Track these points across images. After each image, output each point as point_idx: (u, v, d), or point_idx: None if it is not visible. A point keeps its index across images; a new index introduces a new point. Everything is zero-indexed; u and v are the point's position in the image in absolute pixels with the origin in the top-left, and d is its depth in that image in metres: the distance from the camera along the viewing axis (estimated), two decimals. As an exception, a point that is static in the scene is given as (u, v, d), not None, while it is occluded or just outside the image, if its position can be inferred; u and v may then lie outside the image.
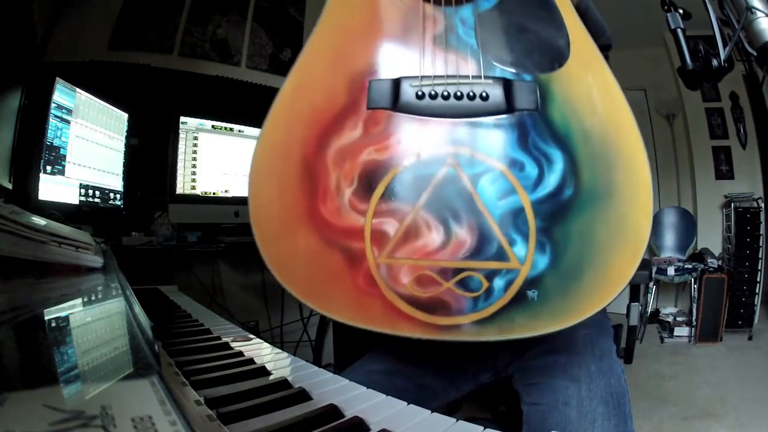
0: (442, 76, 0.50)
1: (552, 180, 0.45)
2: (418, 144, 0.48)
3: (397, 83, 0.50)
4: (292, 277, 0.49)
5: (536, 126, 0.47)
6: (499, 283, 0.44)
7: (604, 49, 0.67)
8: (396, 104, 0.49)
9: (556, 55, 0.50)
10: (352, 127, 0.49)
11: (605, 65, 0.50)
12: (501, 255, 0.44)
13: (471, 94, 0.48)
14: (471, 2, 0.53)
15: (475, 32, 0.51)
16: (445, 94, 0.48)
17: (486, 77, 0.49)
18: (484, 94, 0.48)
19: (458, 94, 0.48)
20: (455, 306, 0.45)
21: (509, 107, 0.48)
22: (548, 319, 0.44)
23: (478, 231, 0.45)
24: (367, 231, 0.46)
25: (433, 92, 0.49)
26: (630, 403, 0.56)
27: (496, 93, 0.48)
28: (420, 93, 0.49)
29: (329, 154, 0.48)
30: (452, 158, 0.47)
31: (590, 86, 0.49)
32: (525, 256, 0.44)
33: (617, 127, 0.48)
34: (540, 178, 0.45)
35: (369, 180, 0.47)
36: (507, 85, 0.48)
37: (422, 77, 0.49)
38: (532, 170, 0.46)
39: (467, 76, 0.49)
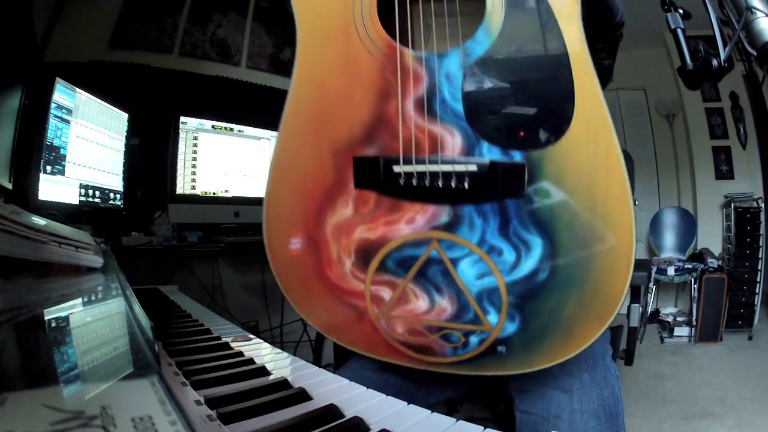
0: (423, 160, 0.48)
1: (528, 265, 0.47)
2: (404, 227, 0.50)
3: (379, 165, 0.50)
4: (316, 318, 0.59)
5: (519, 213, 0.46)
6: (474, 339, 0.50)
7: (619, 27, 0.65)
8: (380, 187, 0.51)
9: (556, 124, 0.45)
10: (343, 205, 0.52)
11: (611, 127, 0.45)
12: (476, 321, 0.50)
13: (453, 183, 0.48)
14: (457, 47, 0.48)
15: (462, 94, 0.47)
16: (427, 183, 0.48)
17: (471, 159, 0.47)
18: (466, 184, 0.47)
19: (438, 184, 0.48)
20: (439, 351, 0.52)
21: (493, 195, 0.47)
22: (513, 365, 0.51)
23: (458, 302, 0.50)
24: (367, 295, 0.53)
25: (414, 180, 0.49)
26: (623, 412, 0.56)
27: (480, 180, 0.47)
28: (402, 180, 0.49)
29: (327, 229, 0.53)
30: (435, 242, 0.49)
31: (589, 163, 0.45)
32: (496, 323, 0.49)
33: (610, 212, 0.45)
34: (516, 263, 0.47)
35: (364, 255, 0.52)
36: (492, 170, 0.46)
37: (403, 160, 0.49)
38: (509, 256, 0.47)
39: (451, 161, 0.48)
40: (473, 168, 0.47)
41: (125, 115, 1.63)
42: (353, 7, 0.51)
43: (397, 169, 0.49)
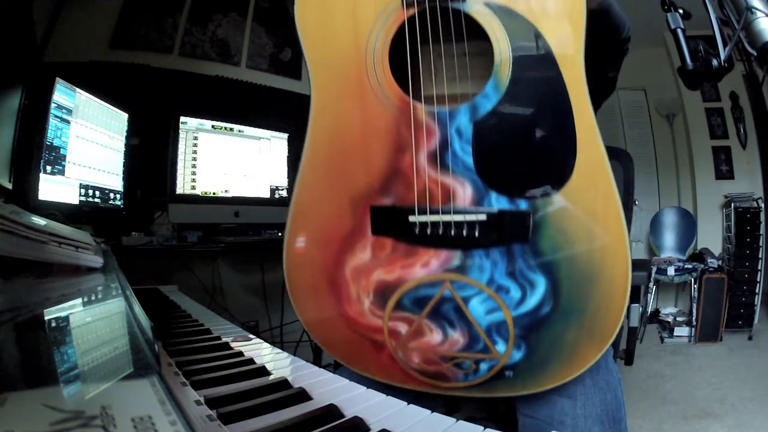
0: (436, 210, 0.52)
1: (532, 301, 0.51)
2: (418, 270, 0.54)
3: (395, 215, 0.53)
4: (335, 350, 0.61)
5: (524, 255, 0.50)
6: (484, 366, 0.54)
7: (625, 42, 0.67)
8: (397, 234, 0.54)
9: (559, 175, 0.49)
10: (361, 249, 0.56)
11: (609, 173, 0.49)
12: (486, 350, 0.53)
13: (465, 231, 0.51)
14: (467, 101, 0.50)
15: (472, 147, 0.50)
16: (440, 232, 0.52)
17: (480, 209, 0.50)
18: (476, 233, 0.51)
19: (451, 233, 0.52)
20: (452, 377, 0.56)
21: (501, 240, 0.50)
22: (521, 387, 0.54)
23: (469, 334, 0.53)
24: (385, 329, 0.56)
25: (429, 229, 0.52)
26: (626, 415, 0.57)
27: (489, 228, 0.50)
28: (417, 229, 0.53)
29: (347, 271, 0.57)
30: (448, 283, 0.53)
31: (588, 206, 0.49)
32: (504, 351, 0.53)
33: (607, 249, 0.49)
34: (522, 300, 0.51)
35: (382, 295, 0.55)
36: (500, 218, 0.50)
37: (418, 210, 0.52)
38: (515, 293, 0.51)
39: (462, 211, 0.51)
40: (483, 217, 0.50)
41: (125, 115, 1.63)
42: (366, 60, 0.53)
43: (412, 218, 0.52)
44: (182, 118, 1.74)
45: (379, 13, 0.52)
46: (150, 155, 1.80)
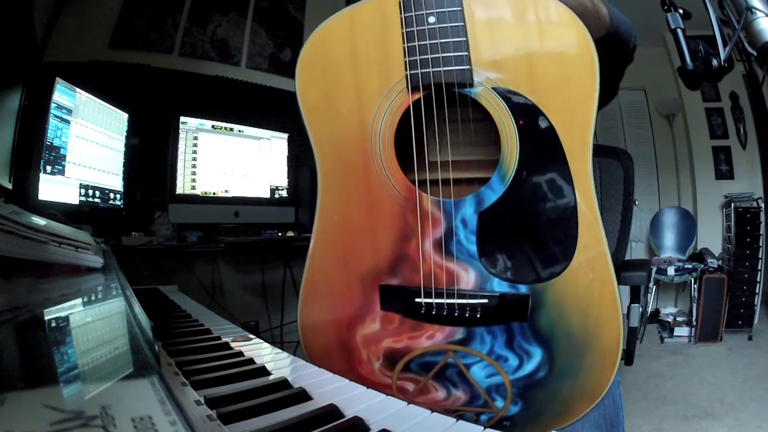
0: (441, 293, 0.55)
1: (529, 367, 0.54)
2: (424, 341, 0.58)
3: (402, 295, 0.56)
4: None
5: (522, 332, 0.54)
6: (483, 417, 0.58)
7: (632, 51, 0.69)
8: (404, 312, 0.57)
9: (559, 263, 0.51)
10: (371, 322, 0.60)
11: (607, 256, 0.51)
12: (485, 405, 0.57)
13: (467, 313, 0.54)
14: (473, 194, 0.52)
15: (476, 237, 0.52)
16: (444, 313, 0.55)
17: (483, 293, 0.53)
18: (478, 314, 0.54)
19: (456, 314, 0.55)
20: None
21: (501, 320, 0.54)
22: None
23: (470, 393, 0.57)
24: (394, 387, 0.60)
25: (434, 311, 0.56)
26: (624, 419, 0.57)
27: (491, 310, 0.53)
28: (423, 310, 0.56)
29: (358, 338, 0.61)
30: (452, 352, 0.57)
31: (586, 289, 0.52)
32: (502, 407, 0.57)
33: (601, 325, 0.52)
34: (519, 366, 0.55)
35: (390, 360, 0.60)
36: (501, 300, 0.53)
37: (423, 292, 0.55)
38: (513, 361, 0.55)
39: (465, 294, 0.54)
40: (485, 301, 0.53)
41: (125, 115, 1.63)
42: (372, 144, 0.54)
43: (418, 300, 0.56)
44: (182, 118, 1.74)
45: (384, 95, 0.53)
46: (150, 155, 1.80)
